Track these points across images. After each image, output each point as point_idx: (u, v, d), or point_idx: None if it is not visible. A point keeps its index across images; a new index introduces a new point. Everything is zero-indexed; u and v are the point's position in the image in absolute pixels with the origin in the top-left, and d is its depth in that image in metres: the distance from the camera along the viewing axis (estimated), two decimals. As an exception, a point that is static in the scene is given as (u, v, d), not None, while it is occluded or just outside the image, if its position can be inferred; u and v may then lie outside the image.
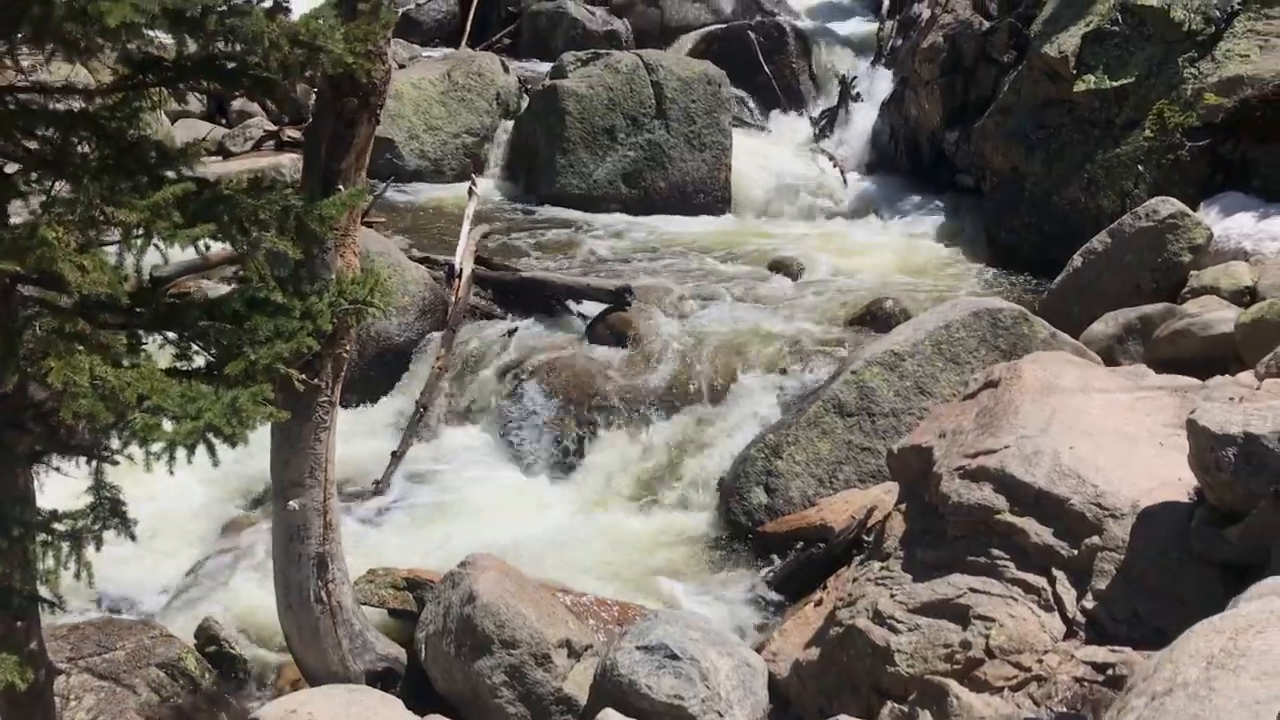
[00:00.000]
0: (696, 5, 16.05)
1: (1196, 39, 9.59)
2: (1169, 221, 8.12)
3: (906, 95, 12.93)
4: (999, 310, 7.04)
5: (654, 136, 11.92)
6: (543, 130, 12.06)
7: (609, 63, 12.09)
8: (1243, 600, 2.83)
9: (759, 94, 14.47)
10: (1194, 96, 9.32)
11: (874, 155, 13.32)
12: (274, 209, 4.00)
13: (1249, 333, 6.39)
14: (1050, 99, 10.58)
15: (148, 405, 3.57)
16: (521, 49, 15.98)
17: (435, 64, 13.20)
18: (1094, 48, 10.21)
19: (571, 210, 11.75)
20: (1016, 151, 10.72)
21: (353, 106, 4.27)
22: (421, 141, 12.25)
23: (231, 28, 3.70)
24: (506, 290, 9.06)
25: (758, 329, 8.44)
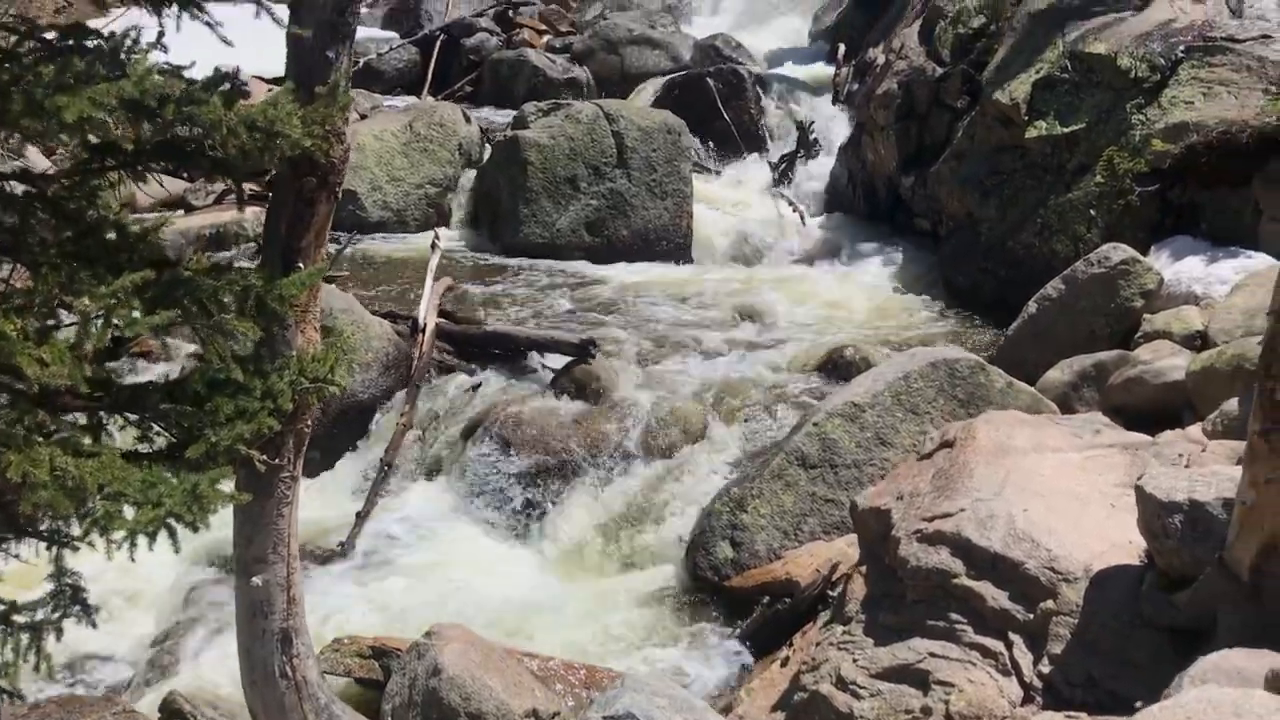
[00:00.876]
0: (656, 52, 16.24)
1: (1143, 86, 9.82)
2: (1120, 268, 8.29)
3: (863, 140, 13.13)
4: (956, 361, 7.15)
5: (616, 185, 12.02)
6: (505, 180, 12.14)
7: (570, 113, 12.20)
8: (1186, 679, 2.90)
9: (719, 139, 14.61)
10: (1142, 143, 9.54)
11: (832, 199, 13.49)
12: (234, 290, 4.03)
13: (1199, 380, 6.53)
14: (1003, 144, 10.79)
15: (108, 492, 3.57)
16: (483, 97, 16.10)
17: (397, 115, 13.26)
18: (1044, 94, 10.44)
19: (535, 259, 11.81)
20: (971, 197, 10.92)
21: (312, 186, 4.30)
22: (384, 193, 12.29)
23: (189, 115, 3.75)
24: (470, 344, 9.09)
25: (721, 379, 8.52)
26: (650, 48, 16.29)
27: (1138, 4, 10.70)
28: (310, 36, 4.11)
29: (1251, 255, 8.54)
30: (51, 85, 3.39)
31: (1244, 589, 3.30)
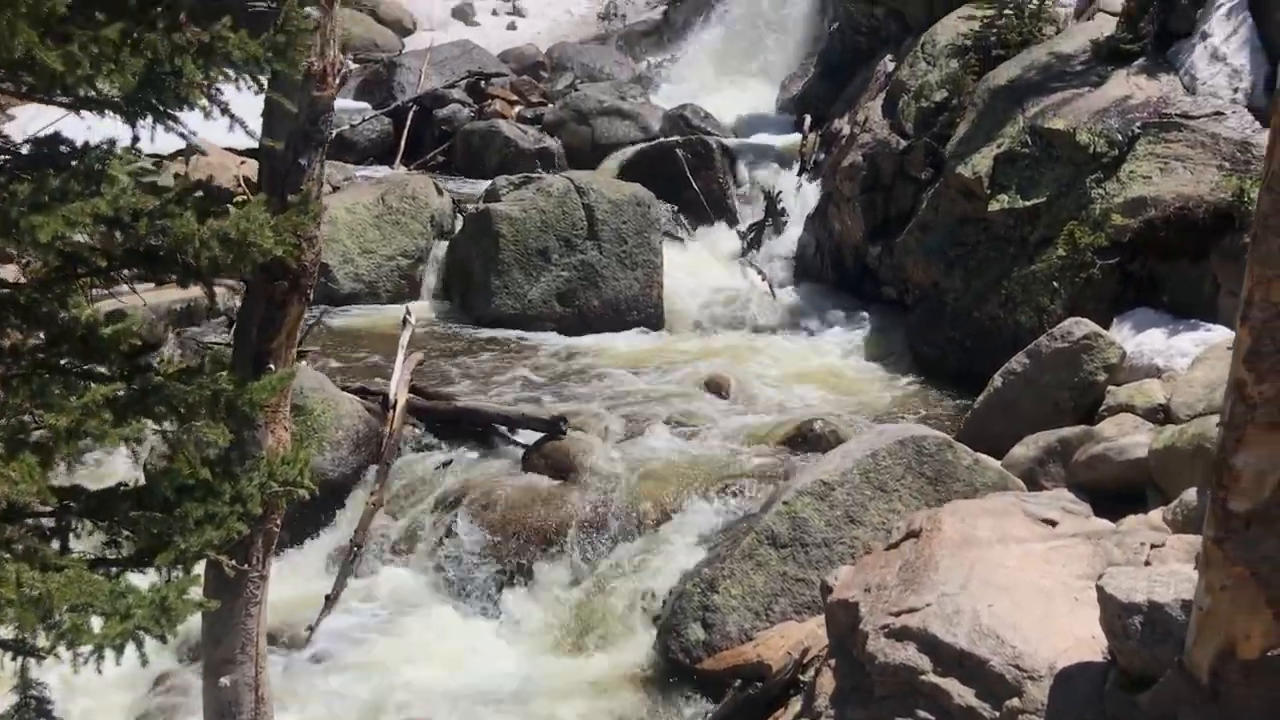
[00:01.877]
0: (625, 123, 16.44)
1: (1102, 161, 10.06)
2: (1083, 342, 8.43)
3: (830, 210, 13.33)
4: (923, 438, 7.23)
5: (587, 257, 12.13)
6: (477, 252, 12.23)
7: (541, 186, 12.34)
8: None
9: (688, 209, 14.76)
10: (1102, 216, 9.75)
11: (801, 267, 13.65)
12: (205, 394, 4.06)
13: (1162, 459, 6.64)
14: (966, 216, 10.99)
15: (75, 604, 3.57)
16: (455, 167, 16.22)
17: (369, 187, 13.35)
18: (1006, 168, 10.66)
19: (507, 330, 11.88)
20: (936, 267, 11.09)
21: (283, 289, 4.35)
22: (356, 265, 12.34)
23: (162, 228, 3.80)
24: (441, 420, 9.10)
25: (692, 454, 8.56)
26: (620, 118, 16.50)
27: (1095, 80, 11.00)
28: (283, 146, 4.18)
29: (1211, 328, 8.72)
30: (26, 204, 3.44)
31: (1204, 692, 3.36)
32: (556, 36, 23.14)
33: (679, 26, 23.54)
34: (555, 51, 21.58)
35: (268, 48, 3.81)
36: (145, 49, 3.73)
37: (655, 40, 23.27)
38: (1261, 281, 3.02)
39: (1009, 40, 12.27)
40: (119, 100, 3.76)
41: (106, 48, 3.65)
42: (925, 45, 13.29)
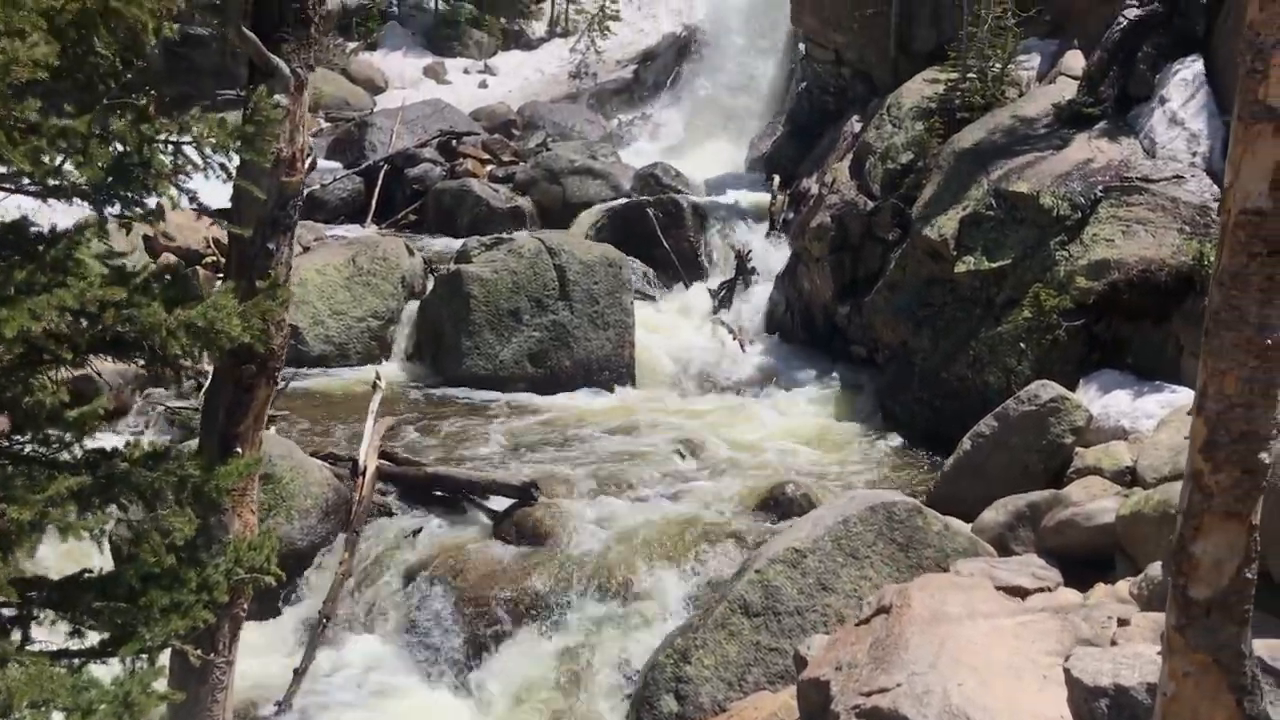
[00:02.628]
0: (597, 182, 16.57)
1: (1065, 224, 10.22)
2: (1050, 405, 8.52)
3: (799, 269, 13.45)
4: (894, 504, 7.26)
5: (558, 317, 12.17)
6: (448, 313, 12.25)
7: (513, 247, 12.40)
8: None
9: (660, 267, 14.89)
10: (1066, 278, 9.89)
11: (771, 325, 13.75)
12: (171, 480, 4.04)
13: (1128, 525, 6.69)
14: (934, 277, 11.12)
15: (36, 700, 3.52)
16: (427, 226, 16.29)
17: (340, 248, 13.37)
18: (971, 230, 10.81)
19: (478, 391, 11.87)
20: (905, 327, 11.19)
21: (250, 373, 4.35)
22: (326, 327, 12.32)
23: (129, 317, 3.80)
24: (412, 486, 9.06)
25: (664, 519, 8.53)
26: (591, 177, 16.63)
27: (1057, 143, 11.20)
28: (252, 232, 4.20)
29: (1175, 390, 8.83)
30: (-9, 297, 3.43)
31: (1171, 776, 3.37)
32: (528, 95, 23.35)
33: (649, 85, 23.86)
34: (527, 110, 21.78)
35: (237, 137, 3.84)
36: (114, 139, 3.75)
37: (626, 99, 23.55)
38: (1215, 374, 3.08)
39: (973, 103, 12.50)
40: (87, 189, 3.78)
41: (74, 139, 3.67)
42: (891, 108, 13.51)
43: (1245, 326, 3.01)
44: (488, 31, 25.43)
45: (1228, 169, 3.06)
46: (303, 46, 4.27)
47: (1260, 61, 2.91)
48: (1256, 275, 2.99)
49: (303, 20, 4.24)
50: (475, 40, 25.08)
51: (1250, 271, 3.00)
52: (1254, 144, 2.95)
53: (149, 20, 3.61)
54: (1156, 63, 11.44)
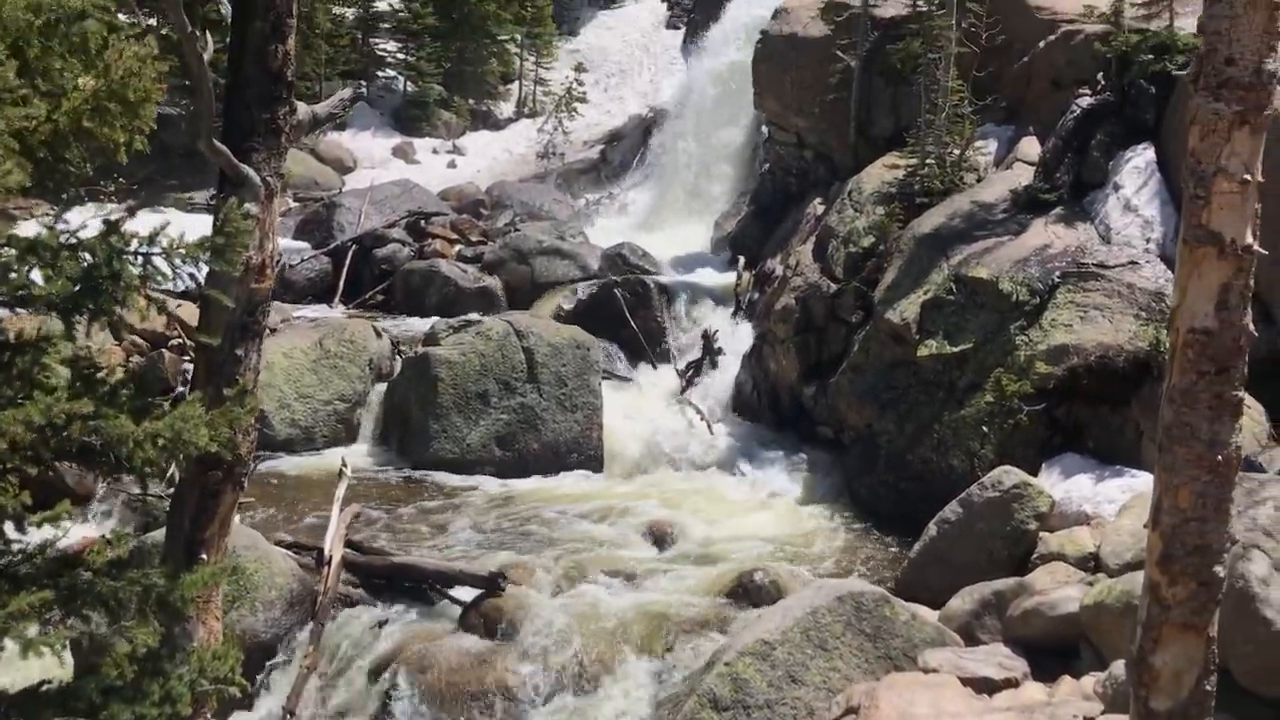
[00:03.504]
0: (565, 262, 16.71)
1: (1024, 309, 10.41)
2: (1014, 491, 8.61)
3: (765, 350, 13.57)
4: (861, 594, 7.28)
5: (526, 400, 12.19)
6: (416, 396, 12.24)
7: (480, 329, 12.45)
8: None
9: (627, 347, 14.98)
10: (1027, 363, 10.04)
11: (738, 406, 13.81)
12: (135, 590, 4.01)
13: (1093, 615, 6.74)
14: (897, 360, 11.26)
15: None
16: (395, 306, 16.34)
17: (307, 330, 13.35)
18: (933, 314, 10.98)
19: (446, 475, 11.82)
20: (870, 409, 11.30)
21: (217, 479, 4.35)
22: (293, 410, 12.26)
23: (96, 428, 3.80)
24: (378, 576, 8.97)
25: (633, 609, 8.48)
26: (559, 257, 16.77)
27: (1015, 229, 11.44)
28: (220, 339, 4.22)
29: (1135, 474, 8.95)
30: (-45, 414, 3.43)
31: None
32: (496, 174, 23.60)
33: (616, 165, 24.20)
34: (495, 189, 21.99)
35: (207, 249, 3.88)
36: (83, 252, 3.78)
37: (593, 178, 23.86)
38: (1169, 489, 3.16)
39: (932, 189, 12.78)
40: (56, 300, 3.80)
41: (44, 252, 3.70)
42: (852, 193, 13.77)
43: (1196, 442, 3.09)
44: (456, 112, 25.75)
45: (1175, 290, 3.16)
46: (273, 155, 4.34)
47: (1202, 188, 3.03)
48: (1205, 393, 3.08)
49: (273, 130, 4.31)
50: (444, 120, 25.38)
51: (1199, 389, 3.09)
52: (1199, 266, 3.06)
53: (121, 137, 3.66)
54: (1109, 150, 11.77)
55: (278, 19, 4.15)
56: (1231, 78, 2.94)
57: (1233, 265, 3.01)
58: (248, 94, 4.19)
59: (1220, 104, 2.97)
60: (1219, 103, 2.97)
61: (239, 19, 4.32)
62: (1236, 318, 3.05)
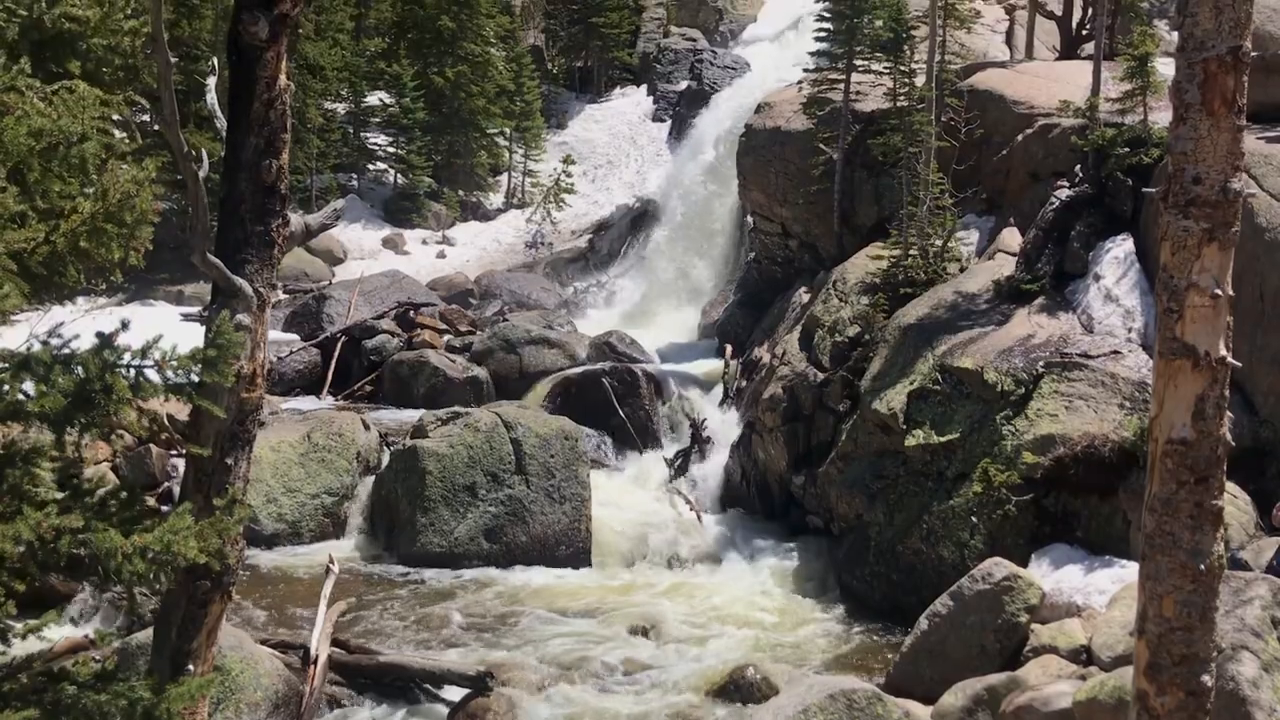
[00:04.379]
0: (553, 351, 16.80)
1: (1010, 399, 10.49)
2: (1004, 584, 8.59)
3: (753, 439, 13.60)
4: (853, 692, 7.22)
5: (514, 492, 12.16)
6: (404, 489, 12.19)
7: (469, 421, 12.45)
8: None
9: (616, 435, 14.99)
10: (1014, 453, 10.09)
11: (727, 495, 13.80)
12: (121, 704, 3.97)
13: (1085, 712, 6.70)
14: (885, 450, 11.30)
15: None
16: (384, 397, 16.36)
17: (295, 423, 13.34)
18: (919, 404, 11.05)
19: (434, 569, 11.73)
20: (859, 499, 11.30)
21: (205, 589, 4.32)
22: (280, 505, 12.20)
23: (85, 541, 3.80)
24: (364, 675, 8.86)
25: (622, 708, 8.41)
26: (548, 346, 16.87)
27: (999, 319, 11.58)
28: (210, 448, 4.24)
29: (1125, 564, 8.95)
30: (-55, 531, 3.43)
31: None
32: (485, 264, 23.81)
33: (604, 254, 24.45)
34: (484, 279, 22.17)
35: (199, 361, 3.92)
36: (76, 365, 3.82)
37: (581, 266, 24.08)
38: (1154, 598, 3.19)
39: (916, 279, 12.94)
40: (48, 413, 3.83)
41: (38, 367, 3.73)
42: (837, 283, 13.93)
43: (1179, 552, 3.13)
44: (445, 203, 26.06)
45: (1153, 401, 3.22)
46: (266, 266, 4.40)
47: (1175, 301, 3.11)
48: (1186, 502, 3.12)
49: (266, 241, 4.38)
50: (433, 212, 25.67)
51: (1180, 498, 3.13)
52: (1175, 378, 3.12)
53: (118, 254, 3.72)
54: (1089, 240, 11.97)
55: (271, 134, 4.25)
56: (1199, 196, 3.04)
57: (1207, 377, 3.08)
58: (242, 207, 4.26)
59: (1189, 221, 3.06)
60: (1188, 220, 3.06)
61: (232, 131, 4.41)
62: (1214, 428, 3.11)
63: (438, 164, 26.46)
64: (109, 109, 3.54)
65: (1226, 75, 2.99)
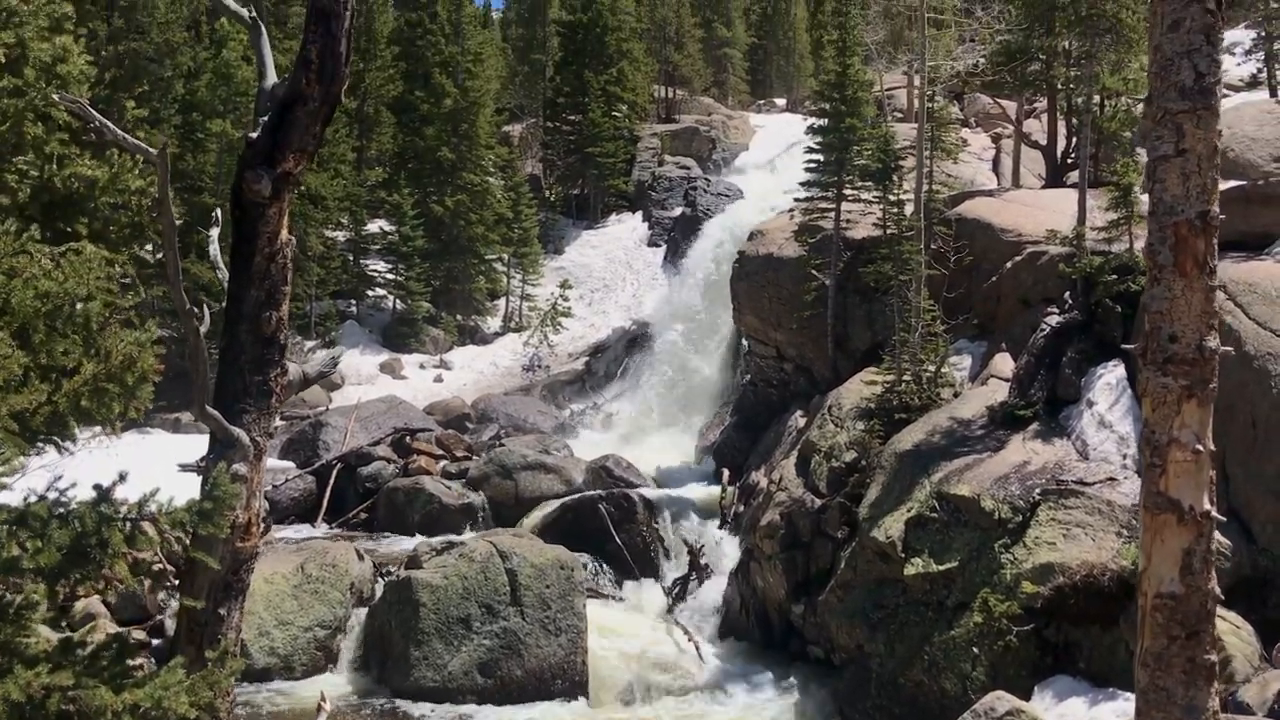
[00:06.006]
0: (549, 476, 16.77)
1: (1008, 527, 10.44)
2: (1007, 719, 8.44)
3: (752, 566, 13.49)
4: (856, 836, 7.03)
5: (509, 624, 12.01)
6: (397, 621, 12.04)
7: (463, 551, 12.38)
8: None
9: (613, 563, 14.87)
10: (1014, 582, 10.01)
11: (726, 624, 13.62)
12: None
13: None
14: (884, 578, 11.20)
15: None
16: (378, 524, 16.26)
17: (289, 555, 13.24)
18: (917, 532, 11.00)
19: (427, 705, 11.52)
20: (860, 629, 11.16)
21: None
22: (271, 638, 12.03)
23: (75, 698, 3.77)
24: (355, 819, 8.63)
25: None
26: (544, 472, 16.85)
27: (994, 445, 11.61)
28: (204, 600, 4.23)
29: (1129, 697, 8.76)
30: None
31: None
32: (482, 388, 23.93)
33: (600, 376, 24.61)
34: (481, 403, 22.26)
35: (195, 513, 3.94)
36: (73, 520, 3.84)
37: (578, 389, 24.21)
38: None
39: (910, 404, 13.02)
40: (43, 569, 3.83)
41: (34, 523, 3.76)
42: (832, 408, 14.00)
43: (1173, 708, 3.11)
44: (443, 328, 26.33)
45: (1140, 555, 3.25)
46: (263, 415, 4.46)
47: (1158, 457, 3.16)
48: (1178, 658, 3.12)
49: (264, 391, 4.45)
50: (431, 336, 25.91)
51: (1172, 653, 3.14)
52: (1161, 532, 3.16)
53: (119, 408, 3.78)
54: (1081, 366, 12.09)
55: (272, 287, 4.35)
56: (1176, 354, 3.12)
57: (1193, 531, 3.11)
58: (241, 358, 4.34)
59: (1168, 378, 3.13)
60: (1166, 377, 3.13)
61: (233, 283, 4.51)
62: (1202, 582, 3.13)
63: (436, 289, 26.83)
64: (114, 269, 3.64)
65: (1197, 238, 3.09)
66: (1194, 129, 3.11)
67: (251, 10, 4.92)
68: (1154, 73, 3.22)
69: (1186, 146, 3.10)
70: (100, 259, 3.64)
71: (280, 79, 4.64)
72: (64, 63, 3.62)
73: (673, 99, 37.03)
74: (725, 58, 42.26)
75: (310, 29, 4.52)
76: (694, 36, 39.60)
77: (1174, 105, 3.13)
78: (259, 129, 4.46)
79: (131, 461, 4.82)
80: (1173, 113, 3.13)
